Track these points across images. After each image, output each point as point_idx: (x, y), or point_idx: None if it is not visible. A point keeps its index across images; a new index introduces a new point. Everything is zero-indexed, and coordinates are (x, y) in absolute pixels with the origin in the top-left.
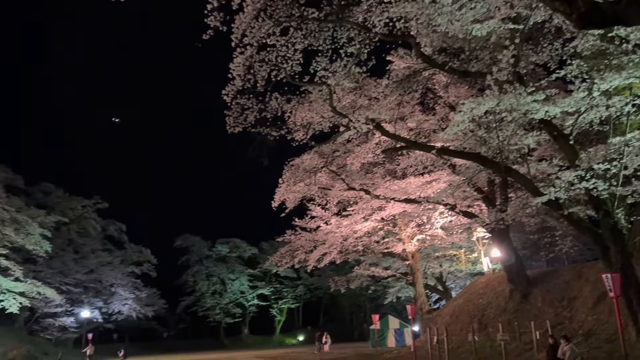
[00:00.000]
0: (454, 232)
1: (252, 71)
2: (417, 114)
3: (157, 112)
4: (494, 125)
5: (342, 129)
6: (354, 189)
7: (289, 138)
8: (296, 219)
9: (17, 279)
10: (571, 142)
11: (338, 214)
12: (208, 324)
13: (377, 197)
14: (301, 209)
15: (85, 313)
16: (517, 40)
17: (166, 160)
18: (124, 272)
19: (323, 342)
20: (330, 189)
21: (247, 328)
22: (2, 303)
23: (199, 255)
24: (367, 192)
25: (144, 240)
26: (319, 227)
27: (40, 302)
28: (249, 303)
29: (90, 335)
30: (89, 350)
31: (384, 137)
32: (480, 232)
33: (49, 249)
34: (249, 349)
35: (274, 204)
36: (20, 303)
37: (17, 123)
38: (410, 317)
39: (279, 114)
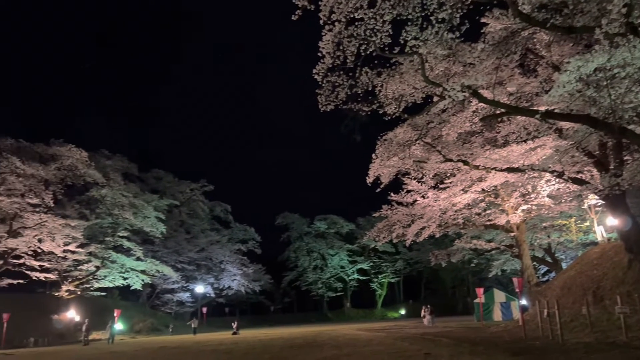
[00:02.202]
0: (563, 201)
1: (341, 47)
2: (517, 77)
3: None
4: (605, 83)
5: (435, 99)
6: (451, 160)
7: (380, 112)
8: (392, 194)
9: (138, 259)
10: None
11: (435, 187)
12: (312, 297)
13: (477, 167)
14: (396, 184)
15: (199, 288)
16: None
17: (263, 141)
18: (231, 249)
19: (422, 315)
20: (425, 162)
21: (349, 302)
22: (127, 280)
23: (299, 232)
24: (465, 163)
25: (247, 219)
26: (415, 201)
27: (159, 279)
28: (349, 277)
29: (204, 309)
30: (193, 323)
31: (481, 105)
32: (592, 200)
33: (164, 230)
34: (352, 321)
35: (369, 180)
36: (143, 280)
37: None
38: (517, 290)
39: (370, 89)
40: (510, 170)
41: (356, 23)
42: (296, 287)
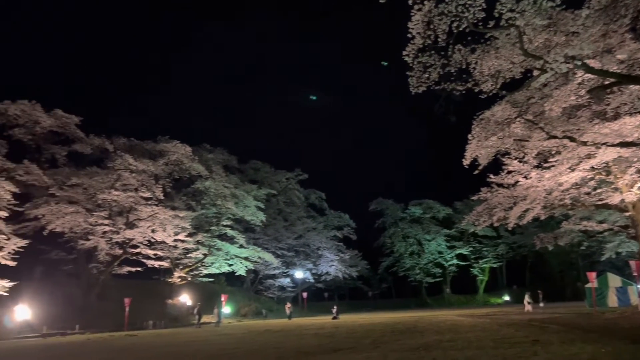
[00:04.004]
0: None
1: (431, 26)
2: (629, 43)
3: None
4: None
5: (536, 72)
6: (555, 137)
7: (476, 91)
8: (491, 175)
9: (241, 246)
10: None
11: (538, 166)
12: (410, 283)
13: (584, 143)
14: (495, 165)
15: (298, 274)
16: None
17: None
18: (327, 236)
19: (526, 301)
20: (527, 140)
21: (448, 287)
22: (232, 267)
23: (394, 218)
24: (571, 139)
25: (341, 206)
26: (517, 182)
27: (261, 265)
28: (448, 263)
29: (304, 294)
30: (288, 309)
31: (588, 76)
32: None
33: (264, 218)
34: (452, 307)
35: (465, 162)
36: (246, 266)
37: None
38: (635, 274)
39: (464, 67)
40: (623, 144)
41: (446, 0)
42: (393, 273)
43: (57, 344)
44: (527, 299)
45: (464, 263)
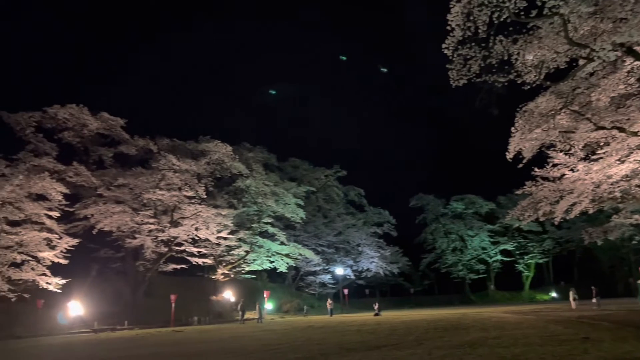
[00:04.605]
0: None
1: (471, 18)
2: None
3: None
4: None
5: (582, 62)
6: (603, 128)
7: (518, 82)
8: (535, 169)
9: (282, 243)
10: None
11: (585, 158)
12: (452, 280)
13: (635, 134)
14: (540, 158)
15: (338, 270)
16: None
17: (385, 122)
18: (367, 232)
19: (572, 298)
20: (573, 132)
21: (492, 284)
22: (273, 264)
23: (435, 214)
24: (621, 129)
25: (381, 202)
26: (563, 175)
27: (302, 262)
28: (492, 259)
29: (345, 291)
30: (329, 305)
31: (637, 63)
32: None
33: (303, 215)
34: (497, 304)
35: (509, 155)
36: (287, 263)
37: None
38: None
39: (505, 58)
40: None
41: None
42: (435, 270)
43: (109, 339)
44: (572, 295)
45: (508, 259)
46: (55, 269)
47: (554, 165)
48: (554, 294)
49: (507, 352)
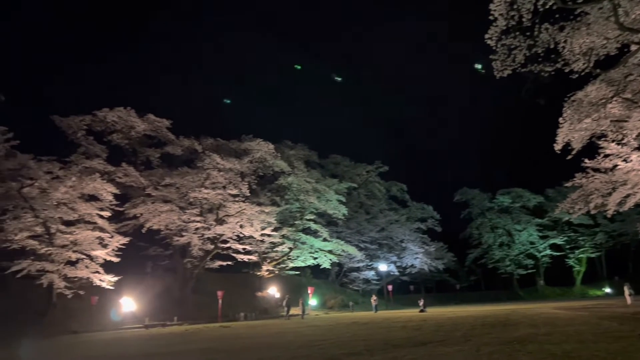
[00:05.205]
0: None
1: (515, 7)
2: None
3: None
4: None
5: (633, 47)
6: None
7: (566, 71)
8: (586, 160)
9: (324, 239)
10: None
11: (639, 148)
12: (500, 275)
13: None
14: (590, 148)
15: (382, 267)
16: None
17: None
18: (410, 228)
19: (627, 293)
20: (626, 121)
21: (542, 279)
22: (317, 260)
23: (480, 208)
24: None
25: (424, 197)
26: (616, 166)
27: (345, 258)
28: (541, 254)
29: (390, 287)
30: (373, 301)
31: None
32: None
33: (345, 212)
34: (546, 300)
35: (557, 147)
36: (330, 259)
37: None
38: None
39: (552, 46)
40: None
41: None
42: (482, 265)
43: (159, 334)
44: (627, 290)
45: (558, 253)
46: (108, 267)
47: (606, 155)
48: (607, 290)
49: (558, 349)
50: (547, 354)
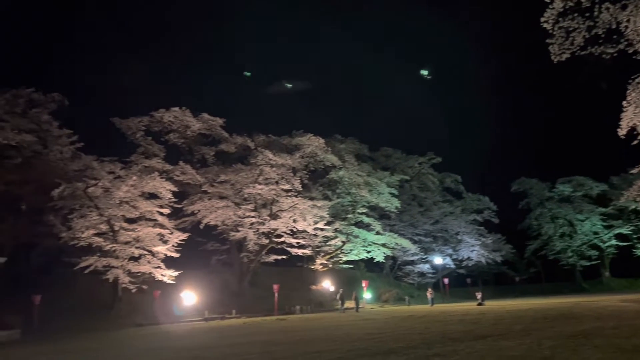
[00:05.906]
0: None
1: None
2: None
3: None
4: None
5: None
6: None
7: (630, 52)
8: None
9: (377, 233)
10: None
11: None
12: (561, 267)
13: None
14: None
15: (437, 260)
16: None
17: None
18: (466, 220)
19: None
20: None
21: (607, 271)
22: (370, 253)
23: (539, 198)
24: None
25: (480, 188)
26: None
27: (399, 252)
28: (606, 244)
29: (446, 280)
30: (429, 295)
31: None
32: None
33: (398, 204)
34: (612, 292)
35: (621, 132)
36: (384, 253)
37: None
38: None
39: (613, 27)
40: None
41: None
42: (542, 257)
43: (219, 327)
44: None
45: (625, 244)
46: (169, 262)
47: None
48: None
49: (627, 343)
50: (615, 348)
